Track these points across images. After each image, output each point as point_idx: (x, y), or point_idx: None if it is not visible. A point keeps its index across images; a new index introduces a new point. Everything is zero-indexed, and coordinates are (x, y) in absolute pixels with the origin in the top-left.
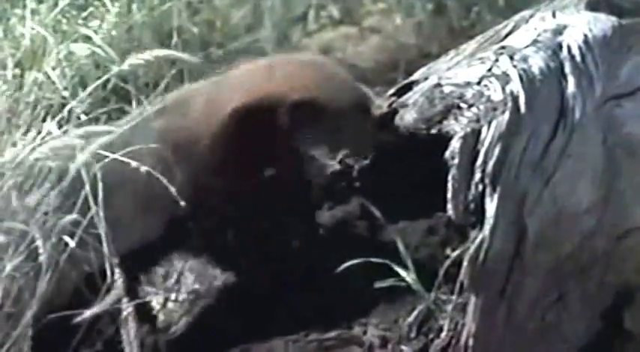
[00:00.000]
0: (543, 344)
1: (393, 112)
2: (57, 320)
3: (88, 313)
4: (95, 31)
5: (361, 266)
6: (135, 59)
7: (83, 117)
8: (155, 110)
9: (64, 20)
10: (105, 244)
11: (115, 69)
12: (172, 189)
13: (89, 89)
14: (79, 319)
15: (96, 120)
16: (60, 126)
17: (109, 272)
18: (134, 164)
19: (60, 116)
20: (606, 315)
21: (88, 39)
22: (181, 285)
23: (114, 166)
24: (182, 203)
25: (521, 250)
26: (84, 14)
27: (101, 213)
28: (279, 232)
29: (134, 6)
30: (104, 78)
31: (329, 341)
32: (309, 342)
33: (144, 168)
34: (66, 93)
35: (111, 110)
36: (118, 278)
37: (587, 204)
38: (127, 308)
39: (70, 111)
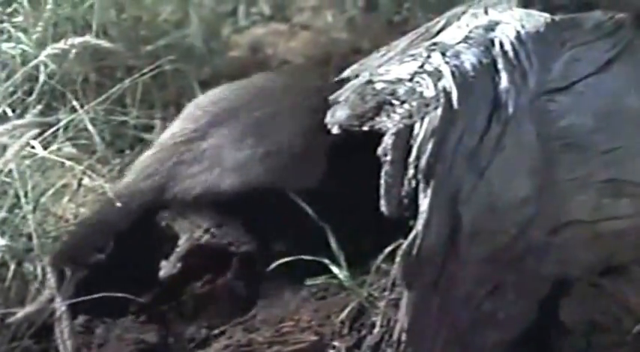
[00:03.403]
0: (478, 334)
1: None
2: None
3: (20, 313)
4: (16, 26)
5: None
6: (51, 49)
7: (10, 114)
8: None
9: None
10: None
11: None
12: None
13: (10, 81)
14: (11, 319)
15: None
16: None
17: (39, 271)
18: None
19: None
20: (542, 306)
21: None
22: None
23: None
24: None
25: (456, 242)
26: (8, 10)
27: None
28: None
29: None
30: (22, 70)
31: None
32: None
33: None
34: None
35: (37, 105)
36: (50, 278)
37: (523, 195)
38: (61, 308)
39: None
